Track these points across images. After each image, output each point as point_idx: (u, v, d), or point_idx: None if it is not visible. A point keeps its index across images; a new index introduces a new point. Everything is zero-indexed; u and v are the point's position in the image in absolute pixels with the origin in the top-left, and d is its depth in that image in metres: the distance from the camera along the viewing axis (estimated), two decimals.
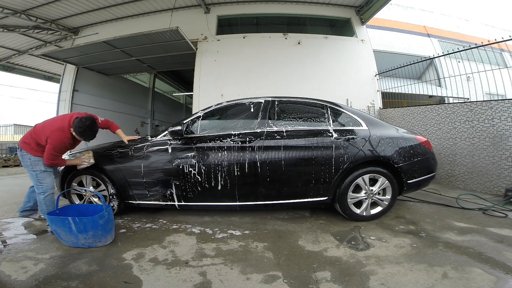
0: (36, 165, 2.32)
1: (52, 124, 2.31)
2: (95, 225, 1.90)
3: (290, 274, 1.59)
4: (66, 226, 1.89)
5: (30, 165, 2.32)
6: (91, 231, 1.90)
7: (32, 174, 2.34)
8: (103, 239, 1.99)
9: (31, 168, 2.32)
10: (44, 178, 2.36)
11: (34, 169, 2.33)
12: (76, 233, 1.89)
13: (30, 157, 2.31)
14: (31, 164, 2.32)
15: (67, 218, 1.89)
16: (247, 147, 2.36)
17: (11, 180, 5.71)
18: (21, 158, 2.37)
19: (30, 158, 2.31)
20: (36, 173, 2.33)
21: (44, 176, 2.36)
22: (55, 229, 1.96)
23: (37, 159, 2.32)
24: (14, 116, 28.13)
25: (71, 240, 1.94)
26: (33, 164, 2.32)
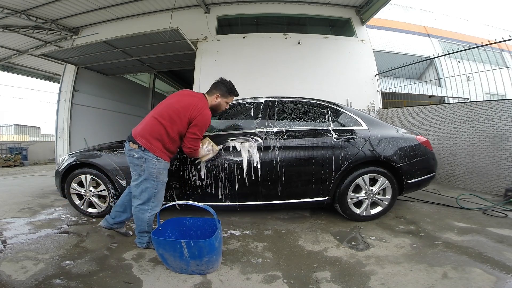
0: (161, 174, 1.86)
1: (192, 102, 1.87)
2: (212, 249, 1.53)
3: (290, 274, 1.59)
4: (177, 250, 1.52)
5: (155, 173, 1.81)
6: (206, 257, 1.53)
7: (151, 185, 1.83)
8: (216, 264, 1.63)
9: (154, 178, 1.82)
10: (161, 191, 1.90)
11: (157, 180, 1.84)
12: (188, 259, 1.54)
13: (156, 163, 1.82)
14: (155, 172, 1.82)
15: (179, 242, 1.50)
16: (247, 147, 2.36)
17: (11, 180, 5.71)
18: (138, 163, 1.82)
19: (156, 164, 1.82)
20: (158, 184, 1.85)
21: (162, 189, 1.90)
22: (162, 253, 1.59)
23: (163, 165, 1.87)
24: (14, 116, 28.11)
25: (180, 267, 1.59)
26: (158, 172, 1.83)
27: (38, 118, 26.29)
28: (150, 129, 1.84)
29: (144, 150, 1.81)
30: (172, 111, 1.86)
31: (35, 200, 3.53)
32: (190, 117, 1.85)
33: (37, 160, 11.21)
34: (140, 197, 1.86)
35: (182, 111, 1.85)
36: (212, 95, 2.07)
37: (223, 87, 2.09)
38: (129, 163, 1.91)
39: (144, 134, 1.83)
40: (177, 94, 2.04)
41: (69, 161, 2.63)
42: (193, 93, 2.07)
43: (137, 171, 1.86)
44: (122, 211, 2.06)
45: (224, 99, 2.10)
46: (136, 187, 1.87)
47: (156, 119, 1.85)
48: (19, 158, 10.00)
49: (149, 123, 1.87)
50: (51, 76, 11.75)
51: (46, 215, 2.84)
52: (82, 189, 2.65)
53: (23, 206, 3.20)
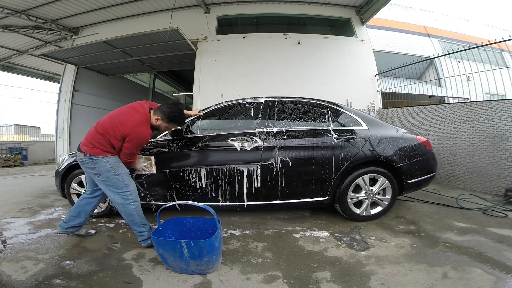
0: (119, 167, 1.91)
1: (128, 119, 1.89)
2: (212, 249, 1.54)
3: (290, 274, 1.59)
4: (177, 250, 1.53)
5: (112, 169, 1.87)
6: (206, 257, 1.54)
7: (117, 180, 1.88)
8: (216, 264, 1.64)
9: (113, 173, 1.88)
10: (130, 182, 1.96)
11: (118, 172, 1.89)
12: (188, 259, 1.54)
13: (108, 160, 1.87)
14: (112, 168, 1.88)
15: (179, 242, 1.51)
16: (247, 147, 2.36)
17: (11, 180, 5.71)
18: (91, 165, 1.89)
19: (108, 160, 1.87)
20: (122, 177, 1.90)
21: (129, 180, 1.96)
22: (162, 253, 1.60)
23: (116, 160, 1.92)
24: (14, 116, 28.09)
25: (180, 267, 1.60)
26: (115, 166, 1.89)
27: (38, 118, 26.29)
28: (90, 138, 1.93)
29: (90, 155, 1.89)
30: (109, 123, 1.90)
31: (35, 200, 3.53)
32: (123, 134, 1.86)
33: (37, 160, 11.21)
34: (114, 195, 1.91)
35: (118, 126, 1.87)
36: (154, 115, 2.00)
37: (165, 113, 1.97)
38: (85, 171, 1.99)
39: (86, 143, 1.93)
40: (125, 106, 2.05)
41: (69, 161, 2.63)
42: (140, 107, 2.00)
43: (95, 173, 1.91)
44: (76, 216, 2.08)
45: (164, 124, 2.01)
46: (106, 190, 1.94)
47: (96, 130, 1.92)
48: (19, 158, 10.00)
49: (90, 133, 1.96)
50: (51, 76, 11.75)
51: (46, 215, 2.84)
52: (82, 189, 2.65)
53: (23, 206, 3.20)
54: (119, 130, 1.85)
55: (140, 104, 2.04)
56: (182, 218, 1.92)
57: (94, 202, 2.12)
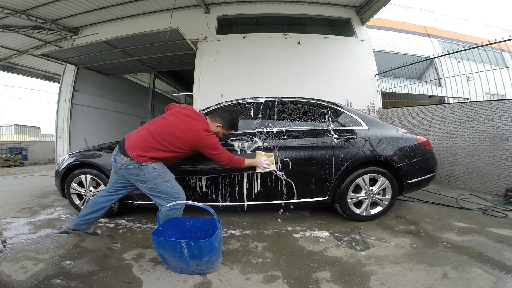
0: (166, 173, 1.86)
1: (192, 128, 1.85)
2: (212, 249, 1.54)
3: (290, 274, 1.59)
4: (177, 250, 1.52)
5: (160, 176, 1.82)
6: (206, 257, 1.54)
7: (166, 186, 1.83)
8: (216, 264, 1.64)
9: (162, 179, 1.82)
10: (178, 186, 1.92)
11: (167, 179, 1.85)
12: (188, 259, 1.54)
13: (154, 166, 1.81)
14: (160, 174, 1.82)
15: (179, 242, 1.50)
16: (247, 148, 2.36)
17: (11, 180, 5.71)
18: (136, 172, 1.82)
19: (155, 167, 1.81)
20: (171, 183, 1.86)
21: (177, 184, 1.92)
22: (162, 253, 1.59)
23: (162, 166, 1.86)
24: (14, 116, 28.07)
25: (180, 267, 1.59)
26: (162, 173, 1.84)
27: (38, 118, 26.22)
28: (144, 144, 1.81)
29: (137, 162, 1.80)
30: (171, 134, 1.83)
31: (35, 200, 3.53)
32: (192, 146, 1.85)
33: (37, 160, 11.21)
34: (163, 201, 1.83)
35: (182, 138, 1.83)
36: (215, 122, 2.01)
37: (226, 119, 2.01)
38: (127, 176, 1.88)
39: (136, 149, 1.80)
40: (179, 113, 1.95)
41: (69, 161, 2.63)
42: (195, 115, 1.96)
43: (140, 180, 1.84)
44: (93, 211, 2.02)
45: (223, 131, 2.05)
46: (153, 196, 1.87)
47: (153, 137, 1.82)
48: (19, 158, 10.00)
49: (143, 139, 1.83)
50: (51, 76, 11.75)
51: (46, 215, 2.84)
52: (82, 189, 2.65)
53: (23, 206, 3.20)
54: (187, 141, 1.84)
55: (193, 112, 2.00)
56: (182, 218, 1.91)
57: (113, 200, 2.08)
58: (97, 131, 7.63)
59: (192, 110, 2.02)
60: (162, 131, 1.84)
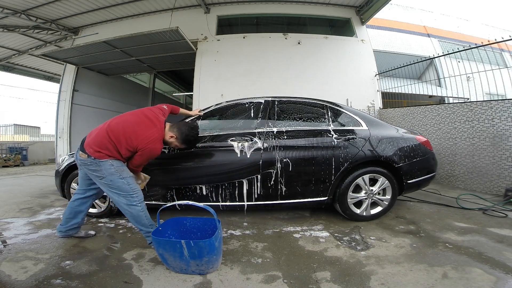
0: (123, 171, 1.86)
1: (143, 133, 1.84)
2: (212, 249, 1.54)
3: (290, 274, 1.59)
4: (178, 250, 1.53)
5: (117, 172, 1.82)
6: (206, 257, 1.54)
7: (122, 183, 1.84)
8: (216, 264, 1.64)
9: (118, 176, 1.82)
10: (135, 184, 1.91)
11: (123, 176, 1.84)
12: (188, 259, 1.54)
13: (112, 163, 1.82)
14: (117, 171, 1.82)
15: (179, 242, 1.51)
16: (247, 148, 2.36)
17: (11, 180, 5.71)
18: (94, 167, 1.83)
19: (112, 164, 1.82)
20: (127, 180, 1.86)
21: (134, 182, 1.91)
22: (162, 253, 1.60)
23: (120, 163, 1.87)
24: (14, 116, 28.08)
25: (180, 267, 1.60)
26: (119, 170, 1.84)
27: (38, 118, 26.27)
28: (98, 141, 1.83)
29: (94, 158, 1.81)
30: (123, 133, 1.83)
31: (35, 200, 3.53)
32: (136, 147, 1.84)
33: (37, 160, 11.21)
34: (119, 197, 1.86)
35: (131, 138, 1.83)
36: (171, 132, 2.01)
37: (182, 134, 2.00)
38: (87, 172, 1.91)
39: (92, 145, 1.83)
40: (140, 114, 1.97)
41: (69, 161, 2.63)
42: (157, 120, 1.96)
43: (98, 176, 1.85)
44: (72, 217, 2.04)
45: (176, 143, 2.04)
46: (110, 192, 1.88)
47: (107, 135, 1.83)
48: (19, 158, 10.00)
49: (99, 135, 1.86)
50: (51, 76, 11.75)
51: (46, 215, 2.84)
52: None
53: (23, 206, 3.20)
54: (132, 142, 1.82)
55: (156, 116, 1.98)
56: (182, 218, 1.92)
57: (88, 202, 2.10)
58: None
59: (155, 114, 1.99)
60: (116, 129, 1.85)
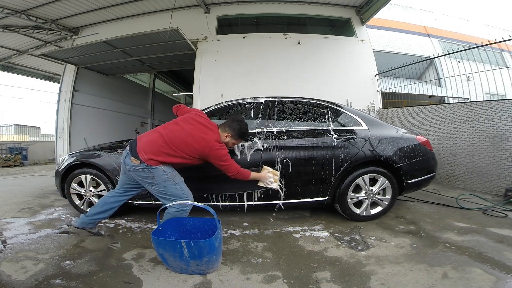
0: (175, 176, 1.88)
1: (204, 138, 1.86)
2: (212, 249, 1.54)
3: (290, 274, 1.59)
4: (178, 250, 1.53)
5: (170, 178, 1.84)
6: (206, 257, 1.54)
7: (175, 189, 1.84)
8: (216, 264, 1.64)
9: (171, 182, 1.84)
10: (187, 189, 1.93)
11: (176, 182, 1.86)
12: (188, 259, 1.54)
13: (164, 169, 1.83)
14: (170, 177, 1.84)
15: (179, 242, 1.51)
16: (247, 148, 2.36)
17: (11, 180, 5.71)
18: (146, 174, 1.83)
19: (165, 170, 1.83)
20: (180, 185, 1.88)
21: (186, 187, 1.93)
22: (162, 253, 1.60)
23: (172, 169, 1.88)
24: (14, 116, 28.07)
25: (180, 267, 1.60)
26: (172, 176, 1.85)
27: (38, 118, 26.22)
28: (155, 148, 1.82)
29: (147, 165, 1.80)
30: (183, 141, 1.84)
31: (35, 200, 3.53)
32: (202, 154, 1.86)
33: (37, 160, 11.20)
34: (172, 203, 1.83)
35: (194, 146, 1.84)
36: (224, 132, 2.01)
37: (235, 130, 2.00)
38: (136, 178, 1.89)
39: (147, 152, 1.81)
40: (193, 122, 1.94)
41: (69, 161, 2.63)
42: (209, 125, 1.97)
43: (150, 182, 1.86)
44: (102, 211, 2.03)
45: (232, 140, 2.04)
46: (162, 198, 1.88)
47: (165, 142, 1.82)
48: (19, 158, 10.00)
49: (155, 143, 1.84)
50: (51, 76, 11.75)
51: (46, 215, 2.84)
52: (82, 189, 2.65)
53: (23, 206, 3.20)
54: (197, 149, 1.84)
55: (208, 120, 2.01)
56: (182, 218, 1.91)
57: (122, 201, 2.09)
58: (97, 131, 7.63)
59: (206, 119, 2.02)
60: (175, 137, 1.85)
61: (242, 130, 2.02)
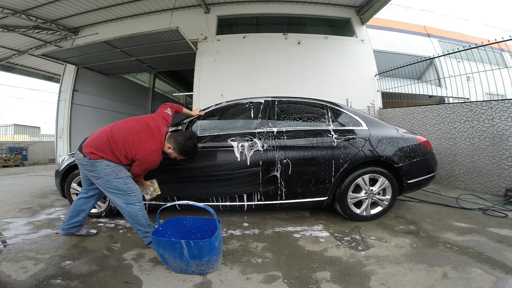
0: (120, 171, 1.86)
1: (143, 143, 1.84)
2: (212, 249, 1.54)
3: (290, 274, 1.59)
4: (178, 250, 1.53)
5: (113, 173, 1.83)
6: (206, 257, 1.54)
7: (118, 183, 1.84)
8: (216, 264, 1.64)
9: (114, 176, 1.83)
10: (133, 184, 1.91)
11: (120, 176, 1.85)
12: (188, 259, 1.54)
13: (108, 164, 1.83)
14: (113, 172, 1.83)
15: (179, 242, 1.51)
16: (247, 148, 2.36)
17: (11, 180, 5.71)
18: (90, 168, 1.86)
19: (108, 164, 1.83)
20: (124, 180, 1.86)
21: (131, 181, 1.91)
22: (162, 253, 1.60)
23: (116, 165, 1.86)
24: (14, 116, 28.09)
25: (180, 267, 1.60)
26: (115, 170, 1.85)
27: (38, 118, 26.27)
28: (97, 143, 1.85)
29: (89, 159, 1.84)
30: (122, 140, 1.84)
31: (35, 200, 3.53)
32: (133, 157, 1.85)
33: (37, 160, 11.20)
34: (116, 197, 1.87)
35: (130, 147, 1.83)
36: (168, 143, 1.99)
37: (178, 144, 1.97)
38: (82, 172, 1.98)
39: (89, 146, 1.86)
40: (143, 123, 1.95)
41: (69, 161, 2.63)
42: (158, 131, 1.94)
43: (94, 176, 1.88)
44: (75, 215, 2.09)
45: (174, 154, 2.01)
46: (107, 192, 1.89)
47: (108, 140, 1.84)
48: (19, 158, 10.00)
49: (99, 138, 1.88)
50: (51, 76, 11.75)
51: (46, 215, 2.84)
52: None
53: (23, 206, 3.20)
54: (130, 151, 1.83)
55: (158, 126, 1.97)
56: (182, 218, 1.92)
57: (91, 201, 2.12)
58: None
59: (157, 124, 1.98)
60: (117, 135, 1.86)
61: (185, 147, 1.97)
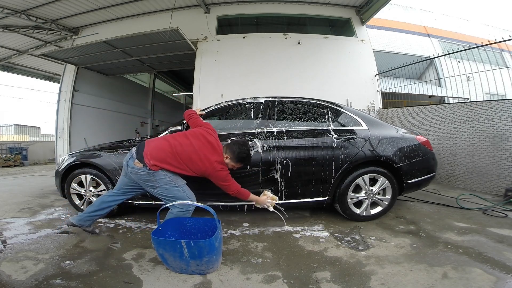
0: (178, 179, 1.94)
1: (208, 158, 1.92)
2: (212, 249, 1.54)
3: (290, 274, 1.59)
4: (178, 250, 1.53)
5: (172, 181, 1.90)
6: (206, 257, 1.55)
7: (177, 191, 1.90)
8: (216, 264, 1.64)
9: (173, 185, 1.90)
10: (189, 191, 1.98)
11: (178, 184, 1.92)
12: (188, 259, 1.54)
13: (166, 173, 1.89)
14: (172, 180, 1.91)
15: (179, 242, 1.51)
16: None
17: (11, 180, 5.71)
18: (147, 178, 1.89)
19: (166, 174, 1.89)
20: (182, 188, 1.93)
21: (187, 188, 1.98)
22: (162, 253, 1.60)
23: (173, 174, 1.93)
24: (14, 116, 28.08)
25: (180, 267, 1.60)
26: (174, 179, 1.92)
27: (38, 118, 26.27)
28: (162, 157, 1.88)
29: (149, 169, 1.86)
30: (189, 157, 1.90)
31: (35, 200, 3.53)
32: (204, 173, 1.94)
33: (37, 160, 11.20)
34: (174, 207, 1.86)
35: (198, 164, 1.91)
36: (225, 153, 2.02)
37: (234, 153, 2.00)
38: (138, 180, 1.94)
39: (153, 157, 1.86)
40: (202, 138, 1.99)
41: (69, 161, 2.63)
42: (216, 144, 2.01)
43: (152, 185, 1.91)
44: (98, 209, 2.07)
45: (232, 163, 2.02)
46: (165, 200, 1.92)
47: (173, 153, 1.88)
48: (19, 158, 10.00)
49: (163, 151, 1.89)
50: (51, 76, 11.75)
51: (46, 215, 2.84)
52: (82, 189, 2.65)
53: (23, 206, 3.20)
54: (199, 168, 1.92)
55: (216, 140, 2.05)
56: (183, 218, 1.91)
57: (120, 201, 2.12)
58: (97, 131, 7.63)
59: (215, 138, 2.06)
60: (183, 151, 1.91)
61: (241, 154, 2.00)
